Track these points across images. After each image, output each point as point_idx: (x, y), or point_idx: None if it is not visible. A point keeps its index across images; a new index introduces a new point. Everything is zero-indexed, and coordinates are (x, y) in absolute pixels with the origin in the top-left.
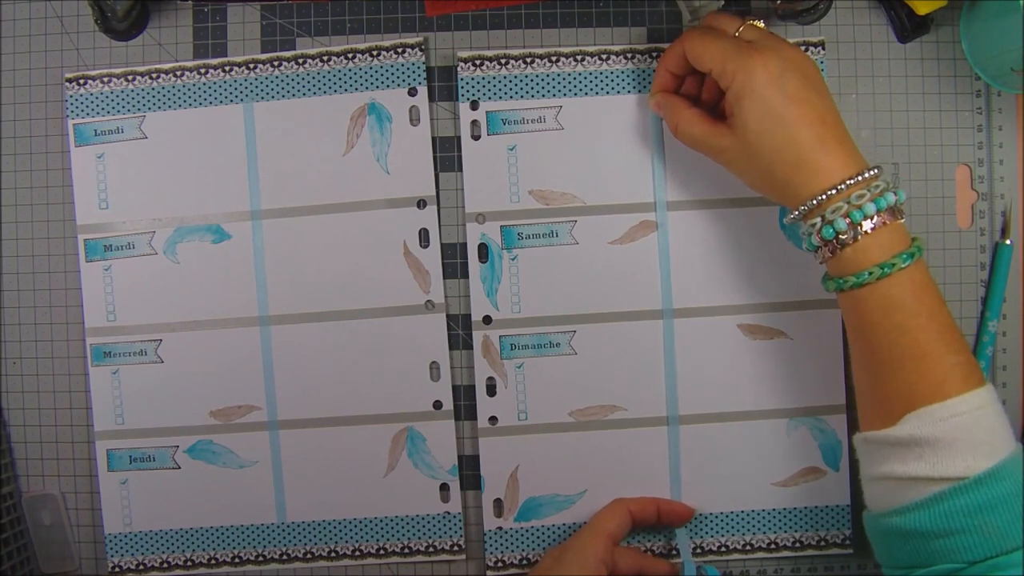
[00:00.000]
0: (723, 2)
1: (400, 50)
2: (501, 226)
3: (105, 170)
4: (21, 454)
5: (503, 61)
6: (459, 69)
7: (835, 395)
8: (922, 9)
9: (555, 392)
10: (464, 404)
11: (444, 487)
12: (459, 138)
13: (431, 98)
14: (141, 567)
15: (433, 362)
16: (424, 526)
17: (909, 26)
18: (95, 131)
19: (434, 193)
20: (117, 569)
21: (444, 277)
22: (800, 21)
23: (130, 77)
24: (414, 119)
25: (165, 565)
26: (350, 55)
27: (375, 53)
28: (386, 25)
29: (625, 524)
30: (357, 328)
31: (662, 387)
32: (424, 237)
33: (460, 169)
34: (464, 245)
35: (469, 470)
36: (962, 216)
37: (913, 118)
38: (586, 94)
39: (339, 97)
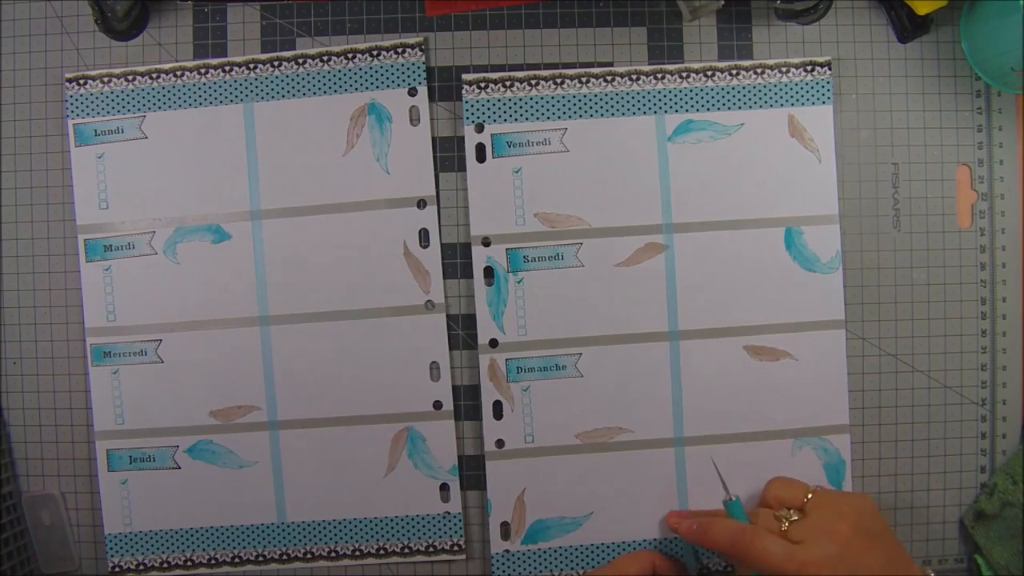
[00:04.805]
0: (723, 2)
1: (400, 50)
2: (507, 249)
3: (105, 170)
4: (21, 454)
5: (508, 83)
6: (464, 91)
7: (839, 415)
8: (922, 9)
9: (562, 414)
10: (464, 404)
11: (444, 487)
12: (459, 138)
13: (431, 98)
14: (141, 567)
15: (433, 362)
16: (424, 526)
17: (909, 26)
18: (95, 131)
19: (434, 193)
20: (117, 569)
21: (444, 277)
22: (800, 21)
23: (130, 77)
24: (414, 119)
25: (165, 565)
26: (350, 55)
27: (375, 53)
28: (386, 25)
29: (643, 573)
30: (357, 328)
31: (668, 409)
32: (424, 237)
33: (460, 169)
34: (464, 245)
35: (469, 470)
36: (962, 216)
37: (913, 118)
38: (591, 116)
39: (339, 97)
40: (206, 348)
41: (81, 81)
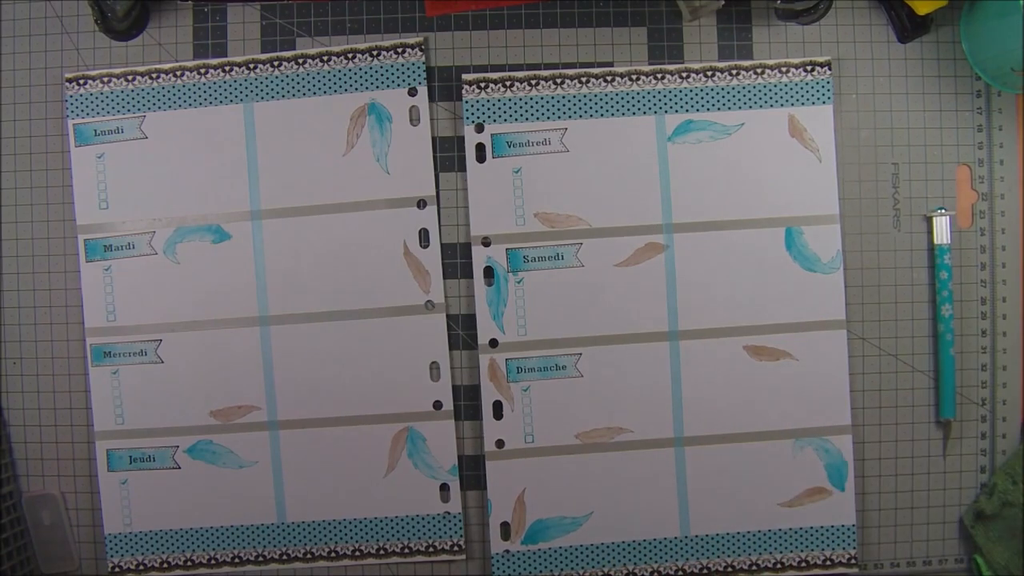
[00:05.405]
0: (723, 2)
1: (400, 50)
2: (507, 249)
3: (105, 170)
4: (21, 454)
5: (508, 83)
6: (464, 92)
7: (840, 415)
8: (922, 9)
9: (561, 415)
10: (464, 404)
11: (444, 487)
12: (459, 138)
13: (431, 98)
14: (141, 567)
15: (433, 362)
16: (424, 526)
17: (909, 26)
18: (95, 131)
19: (434, 193)
20: (117, 569)
21: (444, 277)
22: (800, 21)
23: (130, 77)
24: (414, 119)
25: (165, 565)
26: (350, 55)
27: (375, 53)
28: (386, 25)
29: None
30: (357, 328)
31: (668, 409)
32: (424, 237)
33: (460, 169)
34: (464, 245)
35: (469, 470)
36: (962, 216)
37: (913, 118)
38: (591, 116)
39: (339, 97)
40: (206, 348)
41: (81, 81)
